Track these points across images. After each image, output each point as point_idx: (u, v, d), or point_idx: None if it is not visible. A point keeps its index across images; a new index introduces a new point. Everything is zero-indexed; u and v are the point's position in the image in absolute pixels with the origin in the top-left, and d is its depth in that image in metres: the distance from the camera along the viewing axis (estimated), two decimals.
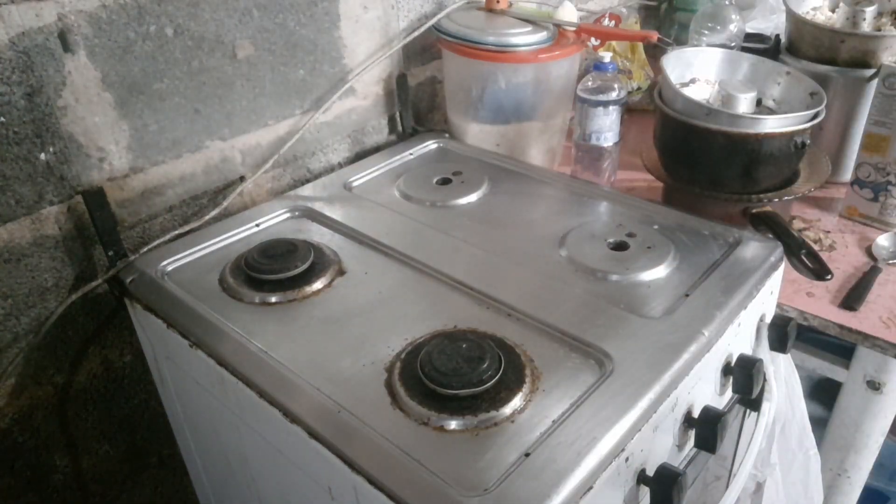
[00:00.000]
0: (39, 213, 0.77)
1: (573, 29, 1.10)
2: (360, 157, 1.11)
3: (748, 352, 0.78)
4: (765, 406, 0.78)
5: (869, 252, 1.00)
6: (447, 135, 1.16)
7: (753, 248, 0.80)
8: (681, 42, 1.39)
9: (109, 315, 0.87)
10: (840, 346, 0.95)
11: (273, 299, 0.75)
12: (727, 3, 1.27)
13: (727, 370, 0.73)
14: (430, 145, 1.13)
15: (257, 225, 0.90)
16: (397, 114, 1.16)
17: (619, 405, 0.58)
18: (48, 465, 0.86)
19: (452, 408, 0.59)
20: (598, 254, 0.81)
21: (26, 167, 0.75)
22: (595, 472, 0.54)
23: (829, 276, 0.84)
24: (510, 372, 0.62)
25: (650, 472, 0.60)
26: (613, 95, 1.03)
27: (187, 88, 0.86)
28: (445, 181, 0.99)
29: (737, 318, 0.72)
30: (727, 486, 0.87)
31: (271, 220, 0.92)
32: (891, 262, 0.97)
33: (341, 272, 0.80)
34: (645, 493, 0.61)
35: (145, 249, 0.84)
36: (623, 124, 1.07)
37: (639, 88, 1.46)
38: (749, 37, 1.30)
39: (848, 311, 0.87)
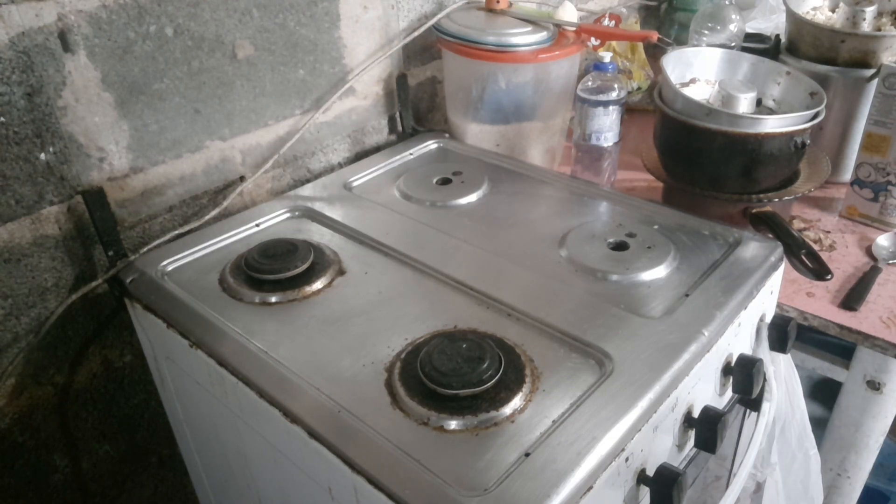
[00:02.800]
0: (39, 213, 0.77)
1: (573, 29, 1.10)
2: (360, 157, 1.11)
3: (748, 352, 0.78)
4: (765, 406, 0.78)
5: (869, 252, 1.00)
6: (447, 135, 1.16)
7: (753, 248, 0.80)
8: (681, 42, 1.39)
9: (109, 315, 0.87)
10: (840, 346, 0.95)
11: (273, 299, 0.75)
12: (727, 3, 1.27)
13: (727, 370, 0.73)
14: (430, 145, 1.13)
15: (257, 225, 0.90)
16: (397, 114, 1.16)
17: (619, 405, 0.58)
18: (48, 465, 0.86)
19: (452, 408, 0.59)
20: (598, 254, 0.81)
21: (26, 167, 0.75)
22: (595, 472, 0.54)
23: (829, 276, 0.84)
24: (510, 372, 0.62)
25: (650, 472, 0.60)
26: (613, 95, 1.03)
27: (187, 88, 0.86)
28: (445, 181, 0.99)
29: (737, 318, 0.72)
30: (727, 486, 0.87)
31: (271, 220, 0.92)
32: (891, 262, 0.97)
33: (341, 272, 0.80)
34: (645, 493, 0.61)
35: (145, 249, 0.84)
36: (623, 124, 1.07)
37: (639, 88, 1.46)
38: (749, 37, 1.30)
39: (848, 311, 0.87)
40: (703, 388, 0.69)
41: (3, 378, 0.79)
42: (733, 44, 1.25)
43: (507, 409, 0.59)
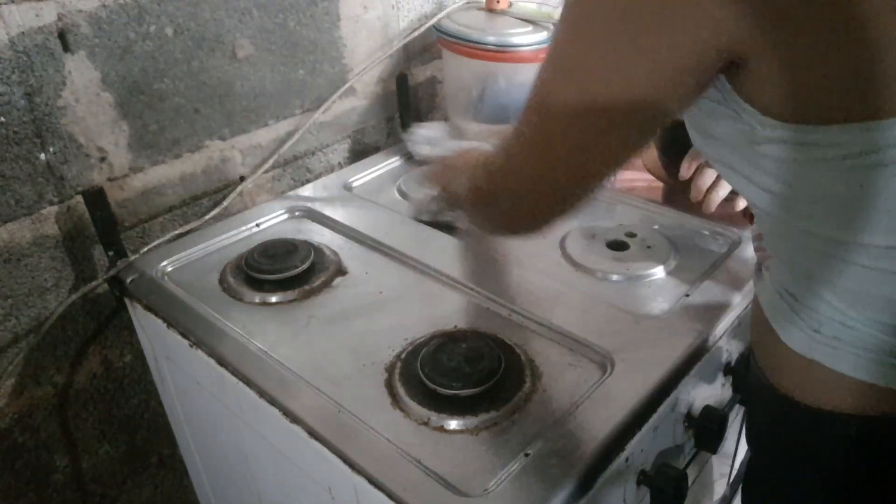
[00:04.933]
0: (39, 213, 0.77)
1: None
2: (360, 157, 1.11)
3: (742, 370, 0.78)
4: None
5: None
6: None
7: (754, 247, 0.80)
8: None
9: (109, 315, 0.87)
10: None
11: (273, 299, 0.75)
12: None
13: (727, 370, 0.73)
14: None
15: (257, 225, 0.90)
16: (397, 114, 1.16)
17: (619, 405, 0.58)
18: (48, 465, 0.86)
19: (452, 408, 0.59)
20: (598, 254, 0.81)
21: (26, 167, 0.75)
22: (595, 472, 0.54)
23: None
24: (510, 372, 0.62)
25: (650, 472, 0.60)
26: None
27: (187, 88, 0.86)
28: None
29: (737, 318, 0.72)
30: (728, 486, 0.87)
31: (271, 220, 0.92)
32: None
33: (341, 272, 0.80)
34: (645, 493, 0.61)
35: (145, 249, 0.84)
36: None
37: None
38: None
39: None
40: (704, 387, 0.69)
41: (3, 378, 0.79)
42: None
43: (507, 409, 0.59)
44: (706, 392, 0.70)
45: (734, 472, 0.90)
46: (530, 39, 1.05)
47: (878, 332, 0.42)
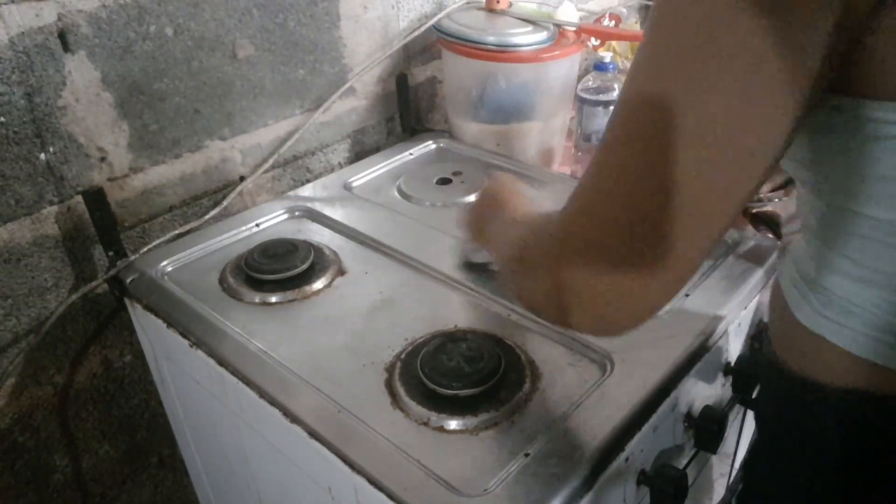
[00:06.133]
0: (39, 213, 0.77)
1: (573, 29, 1.10)
2: (360, 157, 1.11)
3: (748, 351, 0.78)
4: None
5: None
6: (447, 135, 1.16)
7: (753, 248, 0.80)
8: None
9: (109, 315, 0.87)
10: None
11: (273, 299, 0.75)
12: None
13: (727, 370, 0.73)
14: (430, 145, 1.13)
15: (257, 225, 0.90)
16: (397, 114, 1.16)
17: (618, 405, 0.58)
18: (48, 465, 0.86)
19: (452, 408, 0.59)
20: None
21: (26, 167, 0.75)
22: (595, 472, 0.54)
23: None
24: (510, 372, 0.62)
25: (650, 472, 0.60)
26: (613, 95, 1.03)
27: (187, 88, 0.86)
28: (445, 181, 0.99)
29: (737, 319, 0.72)
30: (728, 486, 0.87)
31: (271, 220, 0.92)
32: None
33: (341, 272, 0.80)
34: (645, 493, 0.61)
35: (145, 249, 0.84)
36: None
37: None
38: None
39: None
40: (704, 387, 0.69)
41: (3, 378, 0.79)
42: None
43: (507, 409, 0.59)
44: (706, 392, 0.70)
45: (734, 472, 0.90)
46: (530, 39, 1.06)
47: (886, 310, 0.42)
